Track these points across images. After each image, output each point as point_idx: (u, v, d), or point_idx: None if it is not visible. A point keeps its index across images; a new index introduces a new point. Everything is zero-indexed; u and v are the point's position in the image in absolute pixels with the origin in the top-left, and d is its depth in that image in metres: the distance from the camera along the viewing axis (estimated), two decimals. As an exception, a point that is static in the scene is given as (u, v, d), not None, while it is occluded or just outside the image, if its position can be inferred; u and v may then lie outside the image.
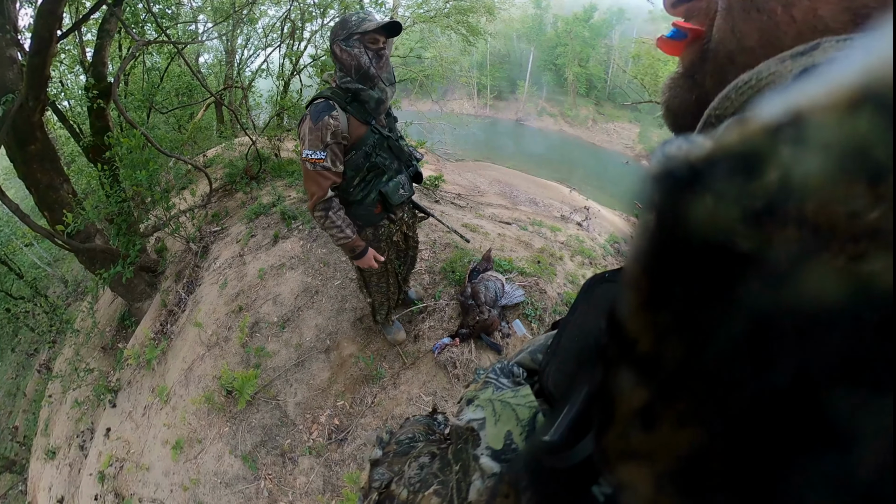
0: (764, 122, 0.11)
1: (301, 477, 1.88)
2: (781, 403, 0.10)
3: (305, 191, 1.44)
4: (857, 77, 0.09)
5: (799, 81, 0.13)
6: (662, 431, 0.12)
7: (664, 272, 0.12)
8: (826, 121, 0.09)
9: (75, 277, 7.61)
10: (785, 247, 0.10)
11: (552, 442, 0.22)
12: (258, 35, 7.55)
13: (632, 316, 0.13)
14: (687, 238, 0.11)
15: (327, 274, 2.73)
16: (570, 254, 2.98)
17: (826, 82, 0.10)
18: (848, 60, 0.10)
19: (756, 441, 0.11)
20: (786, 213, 0.10)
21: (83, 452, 2.91)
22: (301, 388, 2.17)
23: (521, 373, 0.42)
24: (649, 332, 0.13)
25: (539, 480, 0.23)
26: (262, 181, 4.58)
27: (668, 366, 0.12)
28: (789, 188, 0.10)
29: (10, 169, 3.21)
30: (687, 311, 0.12)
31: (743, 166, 0.11)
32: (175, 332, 2.92)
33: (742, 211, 0.10)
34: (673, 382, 0.12)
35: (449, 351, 2.06)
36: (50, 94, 2.95)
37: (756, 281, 0.10)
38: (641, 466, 0.13)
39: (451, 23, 7.78)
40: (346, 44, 1.30)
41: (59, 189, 2.96)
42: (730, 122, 0.16)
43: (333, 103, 1.32)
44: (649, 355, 0.13)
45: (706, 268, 0.11)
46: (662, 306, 0.12)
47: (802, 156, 0.10)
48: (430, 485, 0.32)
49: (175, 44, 4.01)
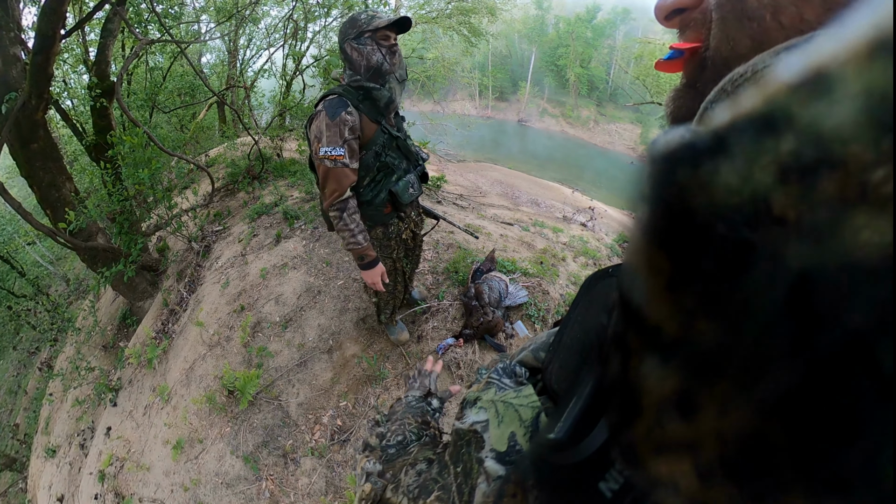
0: (784, 81, 0.10)
1: (303, 478, 1.87)
2: (835, 366, 0.09)
3: (322, 190, 1.37)
4: (870, 29, 0.09)
5: (809, 42, 0.13)
6: (705, 418, 0.12)
7: (688, 249, 0.12)
8: (847, 72, 0.09)
9: (77, 276, 7.62)
10: (823, 201, 0.09)
11: (558, 439, 0.21)
12: (261, 35, 7.56)
13: (652, 301, 0.13)
14: (714, 208, 0.11)
15: (330, 274, 2.73)
16: (572, 255, 2.97)
17: (839, 38, 0.10)
18: (856, 17, 0.10)
19: (813, 411, 0.10)
20: (820, 167, 0.09)
21: (83, 451, 2.90)
22: (303, 388, 2.16)
23: (523, 372, 0.42)
24: (675, 316, 0.12)
25: (546, 478, 0.22)
26: (264, 181, 4.57)
27: (704, 348, 0.11)
28: (821, 141, 0.09)
29: (13, 167, 3.22)
30: (718, 287, 0.11)
31: (770, 126, 0.10)
32: (176, 332, 2.91)
33: (775, 170, 0.10)
34: (711, 365, 0.11)
35: (453, 352, 2.05)
36: (53, 93, 2.95)
37: (794, 240, 0.10)
38: (681, 458, 0.12)
39: (452, 23, 7.79)
40: (357, 42, 1.28)
41: (62, 187, 2.95)
42: (746, 89, 0.15)
43: (347, 100, 1.30)
44: (678, 340, 0.12)
45: (737, 236, 0.10)
46: (688, 286, 0.12)
47: (829, 108, 0.09)
48: (431, 491, 0.32)
49: (178, 43, 4.02)
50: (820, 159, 0.09)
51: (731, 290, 0.11)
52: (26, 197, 5.32)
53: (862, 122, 0.09)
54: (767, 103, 0.11)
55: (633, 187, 0.13)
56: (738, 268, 0.11)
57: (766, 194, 0.10)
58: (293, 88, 6.64)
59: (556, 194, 8.11)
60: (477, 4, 7.71)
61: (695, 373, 0.12)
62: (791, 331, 0.10)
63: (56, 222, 2.91)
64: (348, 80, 1.35)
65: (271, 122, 5.93)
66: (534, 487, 0.23)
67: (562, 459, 0.21)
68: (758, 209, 0.10)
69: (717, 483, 0.12)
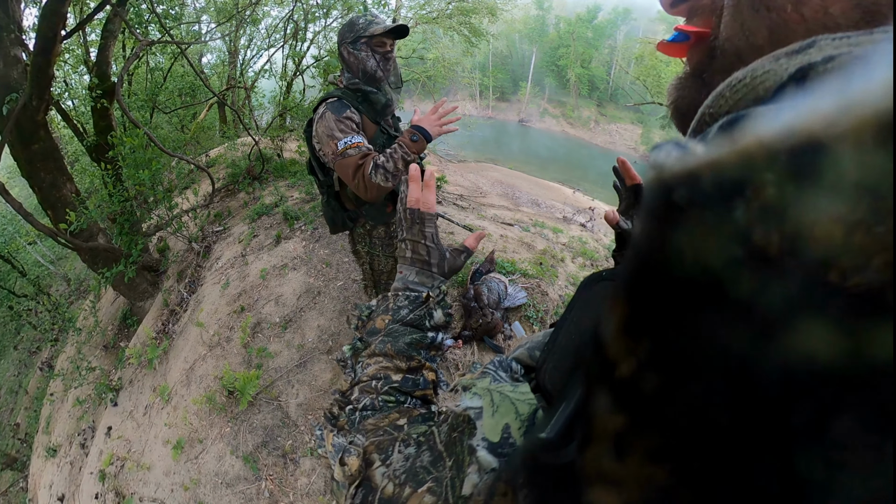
0: (763, 139, 0.09)
1: (302, 478, 1.87)
2: (756, 455, 0.09)
3: (356, 188, 1.26)
4: (883, 97, 0.07)
5: (806, 91, 0.11)
6: (633, 462, 0.12)
7: (643, 299, 0.11)
8: (846, 153, 0.07)
9: (78, 276, 7.63)
10: (779, 297, 0.08)
11: (548, 439, 0.21)
12: (261, 35, 7.57)
13: (613, 338, 0.13)
14: (668, 269, 0.10)
15: (329, 275, 2.73)
16: (571, 255, 2.97)
17: (843, 100, 0.08)
18: (867, 70, 0.08)
19: (725, 491, 0.10)
20: (785, 261, 0.08)
21: (84, 451, 2.91)
22: (303, 388, 2.17)
23: (518, 369, 0.41)
24: (629, 358, 0.12)
25: (535, 478, 0.22)
26: (264, 181, 4.58)
27: (644, 396, 0.11)
28: (794, 232, 0.08)
29: (14, 168, 3.23)
30: (666, 344, 0.11)
31: (733, 191, 0.09)
32: (177, 332, 2.92)
33: (729, 251, 0.09)
34: (647, 414, 0.11)
35: (452, 353, 2.06)
36: (54, 94, 2.97)
37: (743, 326, 0.09)
38: (611, 492, 0.13)
39: (453, 24, 7.79)
40: (353, 47, 1.30)
41: (63, 188, 2.96)
42: (722, 125, 0.14)
43: (347, 102, 1.31)
44: (628, 381, 0.12)
45: (688, 303, 0.10)
46: (643, 334, 0.12)
47: (812, 193, 0.08)
48: (423, 481, 0.31)
49: (178, 44, 4.03)
50: (788, 252, 0.08)
51: (678, 353, 0.11)
52: (27, 197, 5.33)
53: (850, 224, 0.07)
54: (737, 161, 0.09)
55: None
56: (687, 334, 0.10)
57: (718, 273, 0.09)
58: (293, 89, 6.65)
59: (557, 195, 8.11)
60: (477, 4, 7.71)
61: (634, 417, 0.12)
62: (722, 412, 0.10)
63: (57, 223, 2.92)
64: (347, 83, 1.36)
65: (272, 123, 5.94)
66: (523, 486, 0.23)
67: (552, 459, 0.21)
68: (713, 283, 0.09)
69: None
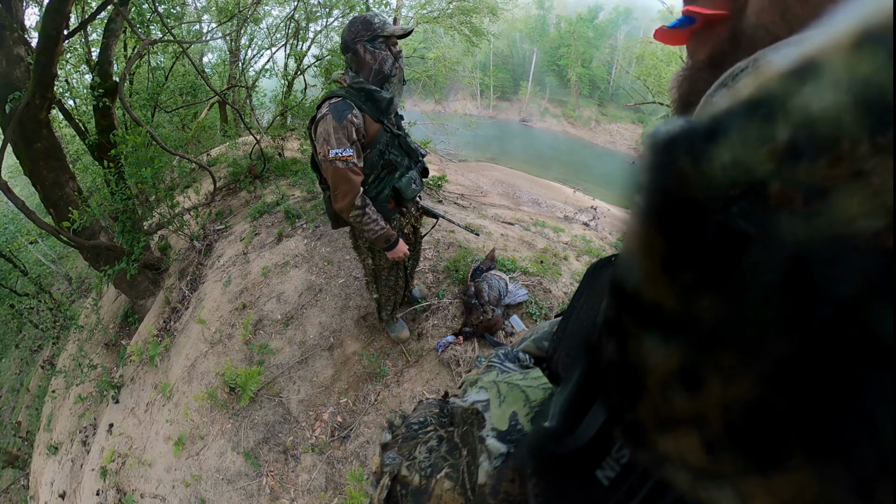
0: (777, 69, 0.11)
1: (303, 474, 1.88)
2: (831, 333, 0.10)
3: (333, 191, 1.40)
4: (856, 21, 0.10)
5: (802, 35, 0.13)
6: (710, 390, 0.12)
7: (684, 228, 0.12)
8: (835, 60, 0.10)
9: (79, 274, 7.65)
10: (814, 179, 0.10)
11: (551, 428, 0.22)
12: (262, 35, 7.58)
13: (648, 281, 0.13)
14: (712, 189, 0.11)
15: (331, 272, 2.74)
16: (575, 254, 2.97)
17: (828, 31, 0.11)
18: (845, 11, 0.11)
19: (812, 377, 0.10)
20: (811, 148, 0.10)
21: (85, 448, 2.92)
22: (304, 385, 2.17)
23: (527, 358, 0.42)
24: (673, 294, 0.12)
25: (543, 466, 0.23)
26: (265, 180, 4.59)
27: (704, 322, 0.12)
28: (811, 124, 0.10)
29: (17, 166, 3.23)
30: (715, 263, 0.11)
31: (763, 111, 0.11)
32: (178, 329, 2.92)
33: (769, 152, 0.11)
34: (713, 338, 0.12)
35: (452, 349, 2.06)
36: (56, 93, 2.97)
37: (789, 219, 0.10)
38: (688, 432, 0.12)
39: (454, 23, 7.80)
40: (371, 45, 1.32)
41: (65, 186, 2.97)
42: (743, 78, 0.16)
43: (350, 102, 1.33)
44: (678, 316, 0.12)
45: (733, 214, 0.11)
46: (685, 264, 0.12)
47: (818, 93, 0.10)
48: (441, 468, 0.32)
49: (180, 43, 4.03)
50: (811, 141, 0.10)
51: (730, 267, 0.11)
52: (30, 195, 5.33)
53: (848, 106, 0.10)
54: (761, 89, 0.11)
55: (632, 178, 0.14)
56: (737, 245, 0.11)
57: (762, 176, 0.11)
58: (295, 88, 6.66)
59: (558, 194, 8.11)
60: (478, 4, 7.71)
61: (697, 347, 0.12)
62: (789, 302, 0.10)
63: (59, 221, 2.93)
64: (350, 82, 1.37)
65: (273, 122, 5.95)
66: (532, 475, 0.23)
67: (558, 448, 0.21)
68: (754, 189, 0.11)
69: (724, 454, 0.12)
